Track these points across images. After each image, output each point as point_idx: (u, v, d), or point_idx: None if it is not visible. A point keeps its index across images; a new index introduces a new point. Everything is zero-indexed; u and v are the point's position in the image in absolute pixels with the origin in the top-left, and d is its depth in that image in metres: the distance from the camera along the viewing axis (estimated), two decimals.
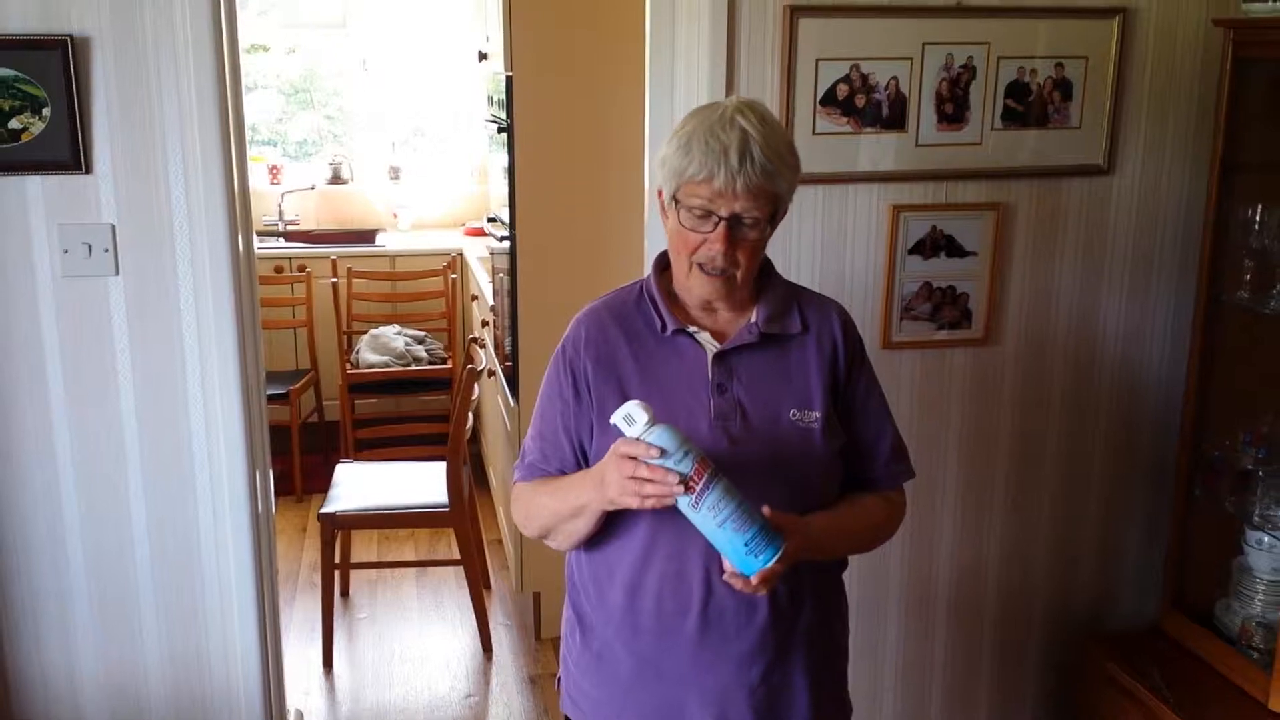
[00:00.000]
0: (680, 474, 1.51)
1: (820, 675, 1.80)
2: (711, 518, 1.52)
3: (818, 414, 1.73)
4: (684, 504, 1.53)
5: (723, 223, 1.64)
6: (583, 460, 1.77)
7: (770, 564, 1.53)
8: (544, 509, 1.77)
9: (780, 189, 1.66)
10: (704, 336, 1.74)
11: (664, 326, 1.74)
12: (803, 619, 1.76)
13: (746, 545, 1.52)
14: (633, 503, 1.56)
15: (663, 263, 1.81)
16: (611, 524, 1.71)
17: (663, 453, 1.51)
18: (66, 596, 2.57)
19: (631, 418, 1.54)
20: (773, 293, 1.79)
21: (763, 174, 1.62)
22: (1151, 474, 2.94)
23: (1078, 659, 2.93)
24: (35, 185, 2.38)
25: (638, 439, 1.54)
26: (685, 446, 1.52)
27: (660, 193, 1.74)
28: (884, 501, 1.85)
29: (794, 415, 1.72)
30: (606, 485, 1.59)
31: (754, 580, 1.55)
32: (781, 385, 1.74)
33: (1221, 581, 2.71)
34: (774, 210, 1.68)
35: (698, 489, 1.51)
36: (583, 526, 1.71)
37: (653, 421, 1.54)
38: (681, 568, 1.67)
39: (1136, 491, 2.95)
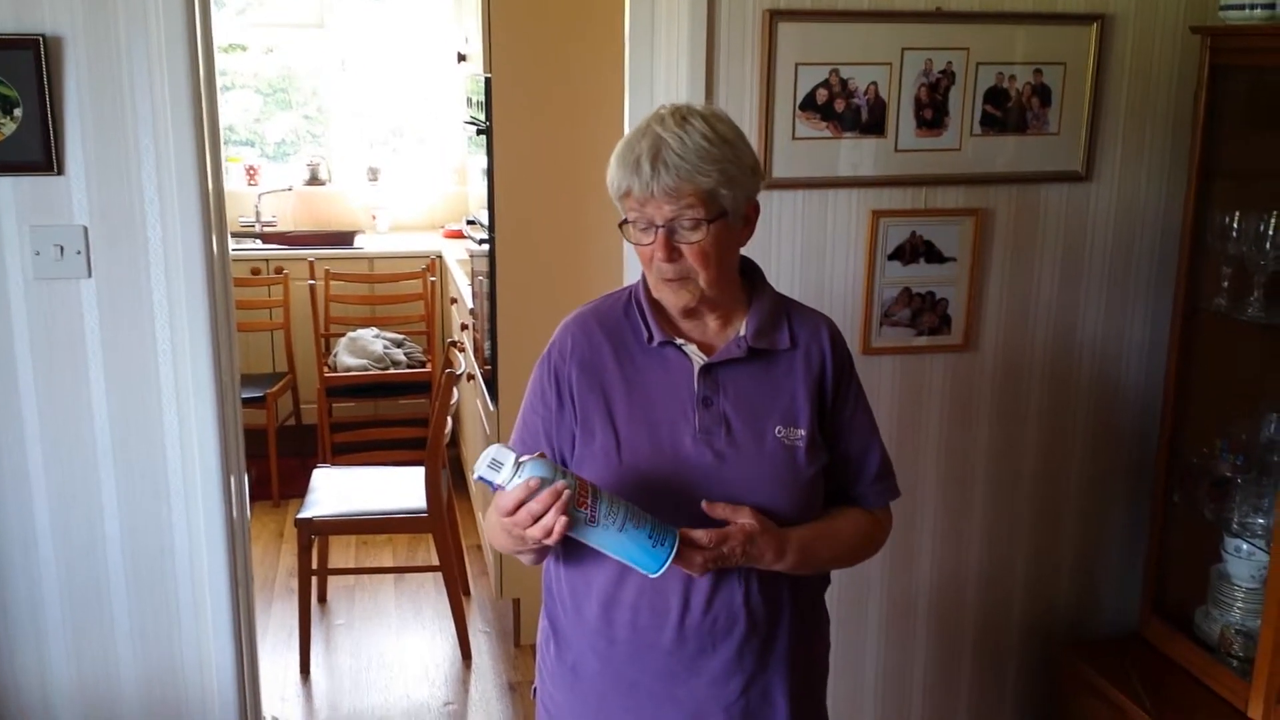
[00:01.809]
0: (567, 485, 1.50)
1: (799, 691, 1.78)
2: (612, 524, 1.53)
3: (803, 432, 1.71)
4: (581, 522, 1.52)
5: (660, 230, 1.62)
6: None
7: (673, 552, 1.54)
8: (498, 540, 1.74)
9: (706, 186, 1.60)
10: (691, 349, 1.72)
11: (651, 337, 1.72)
12: (781, 635, 1.74)
13: (650, 536, 1.53)
14: (538, 535, 1.53)
15: None
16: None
17: (542, 481, 1.50)
18: (38, 603, 2.54)
19: (497, 462, 1.52)
20: (762, 304, 1.76)
21: (678, 174, 1.59)
22: (1130, 481, 2.94)
23: (1058, 667, 2.93)
24: (6, 186, 2.35)
25: (506, 488, 1.52)
26: (558, 471, 1.52)
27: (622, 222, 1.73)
28: (868, 518, 1.82)
29: (779, 432, 1.70)
30: (506, 525, 1.57)
31: (694, 570, 1.59)
32: (768, 401, 1.72)
33: (1201, 589, 2.71)
34: (714, 208, 1.62)
35: (589, 503, 1.51)
36: (531, 560, 1.74)
37: (518, 460, 1.52)
38: (659, 583, 1.65)
39: (1115, 498, 2.96)
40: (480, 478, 1.54)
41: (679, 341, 1.72)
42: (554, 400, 1.75)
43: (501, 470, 1.52)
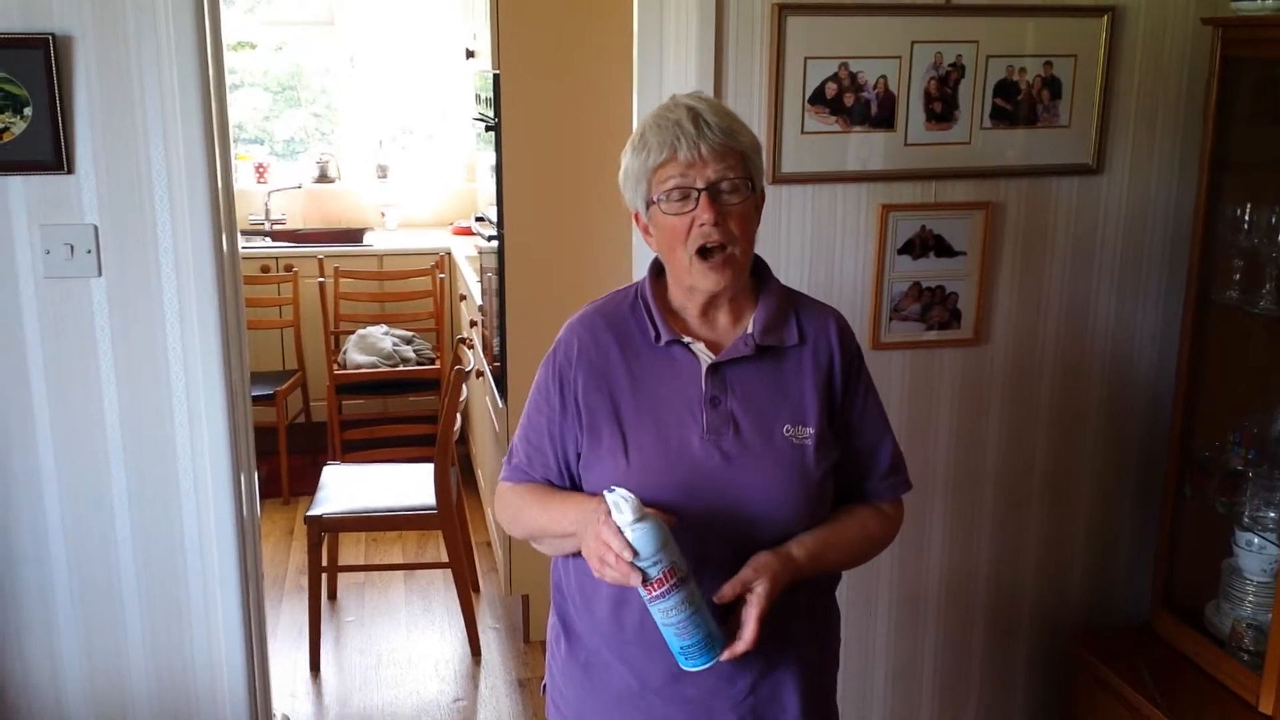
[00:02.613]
0: (645, 574, 1.52)
1: (808, 688, 1.77)
2: (661, 617, 1.56)
3: (811, 430, 1.70)
4: (642, 595, 1.56)
5: (703, 194, 1.62)
6: (566, 468, 1.75)
7: (702, 669, 1.58)
8: (534, 521, 1.76)
9: (744, 146, 1.65)
10: (699, 347, 1.71)
11: (658, 336, 1.71)
12: (791, 633, 1.73)
13: (683, 649, 1.57)
14: (598, 573, 1.57)
15: (657, 268, 1.78)
16: None
17: (636, 554, 1.52)
18: (50, 599, 2.55)
19: (619, 506, 1.53)
20: (770, 300, 1.75)
21: (721, 132, 1.62)
22: (1141, 474, 2.93)
23: (1068, 660, 2.92)
24: (17, 185, 2.35)
25: (619, 531, 1.53)
26: (661, 552, 1.52)
27: (636, 216, 1.72)
28: (879, 515, 1.81)
29: (788, 431, 1.69)
30: (583, 541, 1.60)
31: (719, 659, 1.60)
32: (776, 400, 1.70)
33: (1211, 582, 2.70)
34: (748, 173, 1.65)
35: (656, 592, 1.53)
36: (570, 546, 1.71)
37: (640, 518, 1.52)
38: None
39: (1126, 492, 2.95)
40: (610, 502, 1.54)
41: (686, 340, 1.71)
42: (558, 402, 1.74)
43: (621, 514, 1.53)
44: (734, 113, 1.70)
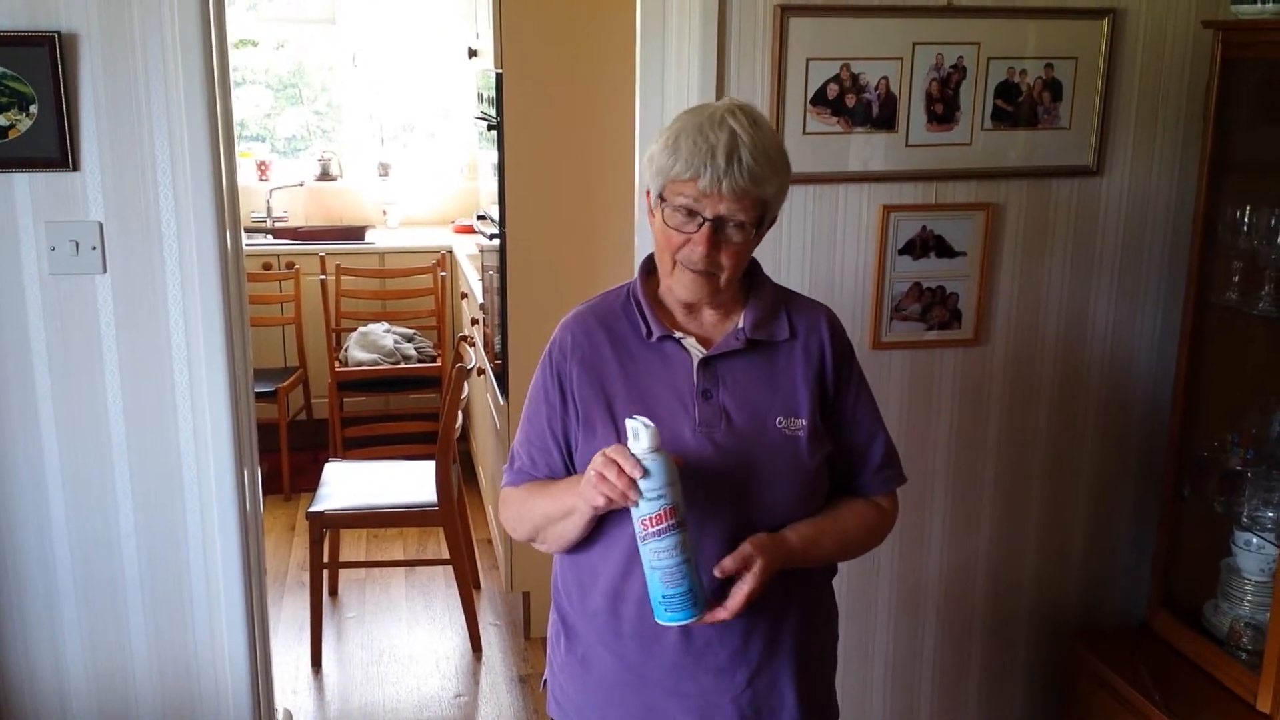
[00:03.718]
0: (644, 505, 1.52)
1: (806, 681, 1.79)
2: (652, 558, 1.55)
3: (804, 422, 1.72)
4: (637, 531, 1.56)
5: (707, 224, 1.62)
6: (571, 465, 1.76)
7: (678, 624, 1.57)
8: (535, 510, 1.77)
9: (767, 194, 1.64)
10: (690, 342, 1.73)
11: (649, 332, 1.73)
12: (788, 626, 1.75)
13: (665, 599, 1.56)
14: (593, 496, 1.56)
15: (649, 266, 1.80)
16: (596, 530, 1.70)
17: (645, 473, 1.52)
18: (53, 595, 2.56)
19: (638, 433, 1.53)
20: (761, 297, 1.77)
21: (750, 177, 1.60)
22: (1140, 474, 2.94)
23: (1066, 659, 2.93)
24: (22, 182, 2.36)
25: (630, 453, 1.54)
26: (668, 487, 1.53)
27: (649, 192, 1.73)
28: (873, 508, 1.83)
29: (780, 423, 1.70)
30: (585, 477, 1.59)
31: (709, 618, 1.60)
32: (768, 392, 1.72)
33: (1210, 582, 2.71)
34: (761, 215, 1.65)
35: (654, 528, 1.53)
36: (572, 529, 1.70)
37: (656, 449, 1.53)
38: None
39: (1125, 492, 2.96)
40: (630, 429, 1.54)
41: (678, 335, 1.73)
42: (557, 399, 1.75)
43: (637, 442, 1.53)
44: (778, 147, 1.66)
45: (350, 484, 3.98)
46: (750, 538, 1.64)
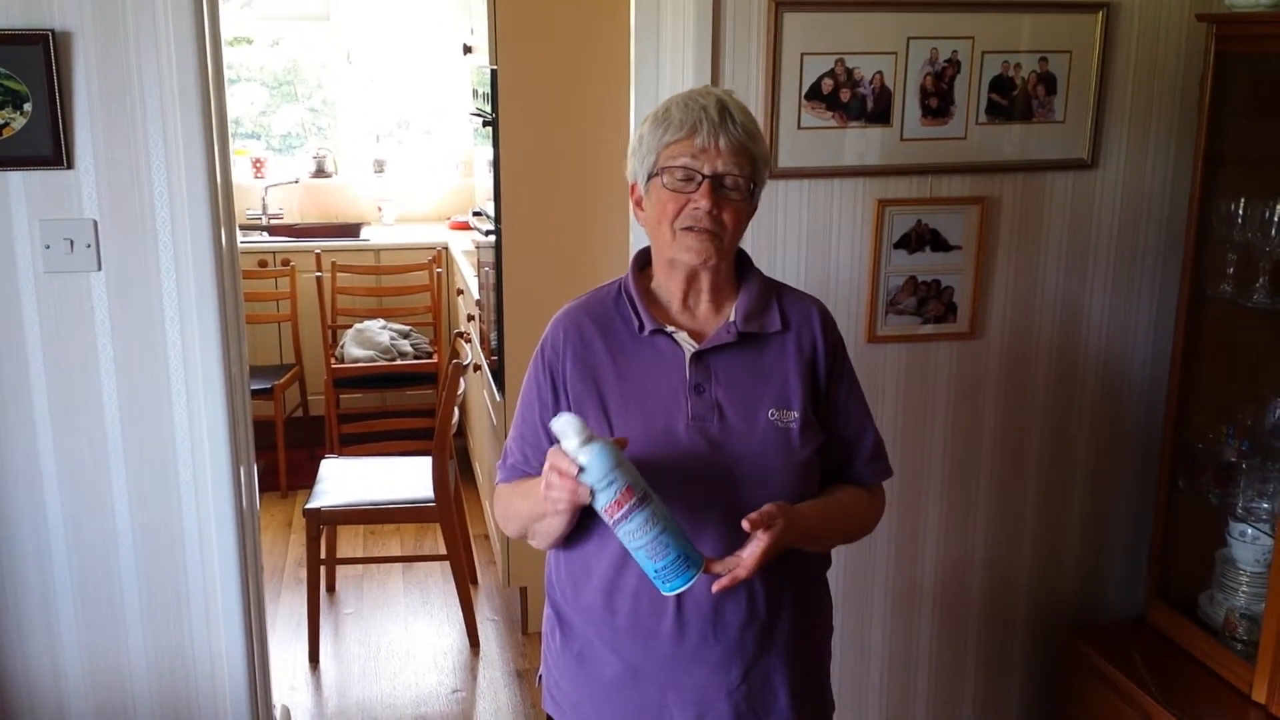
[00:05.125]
0: (600, 496, 1.53)
1: (801, 674, 1.79)
2: (629, 540, 1.55)
3: (796, 413, 1.72)
4: (606, 522, 1.56)
5: (706, 180, 1.64)
6: None
7: (684, 588, 1.56)
8: (518, 510, 1.78)
9: (758, 153, 1.68)
10: (682, 336, 1.73)
11: (641, 326, 1.73)
12: (783, 620, 1.75)
13: (659, 572, 1.56)
14: (550, 505, 1.59)
15: (641, 261, 1.81)
16: (589, 525, 1.70)
17: (581, 470, 1.52)
18: (49, 593, 2.56)
19: (564, 432, 1.54)
20: (752, 289, 1.77)
21: (743, 131, 1.65)
22: (1135, 466, 2.95)
23: (1062, 651, 2.94)
24: (16, 181, 2.36)
25: (563, 453, 1.55)
26: (615, 472, 1.52)
27: (634, 187, 1.74)
28: (866, 496, 1.85)
29: (772, 415, 1.71)
30: (527, 507, 1.63)
31: (715, 587, 1.60)
32: (760, 385, 1.73)
33: (1205, 573, 2.72)
34: (753, 178, 1.68)
35: (618, 514, 1.53)
36: (554, 529, 1.70)
37: (587, 441, 1.53)
38: None
39: (1121, 484, 2.97)
40: (556, 431, 1.55)
41: (670, 329, 1.73)
42: (550, 395, 1.76)
43: (567, 442, 1.54)
44: (757, 125, 1.72)
45: (347, 481, 3.98)
46: (772, 501, 1.63)
